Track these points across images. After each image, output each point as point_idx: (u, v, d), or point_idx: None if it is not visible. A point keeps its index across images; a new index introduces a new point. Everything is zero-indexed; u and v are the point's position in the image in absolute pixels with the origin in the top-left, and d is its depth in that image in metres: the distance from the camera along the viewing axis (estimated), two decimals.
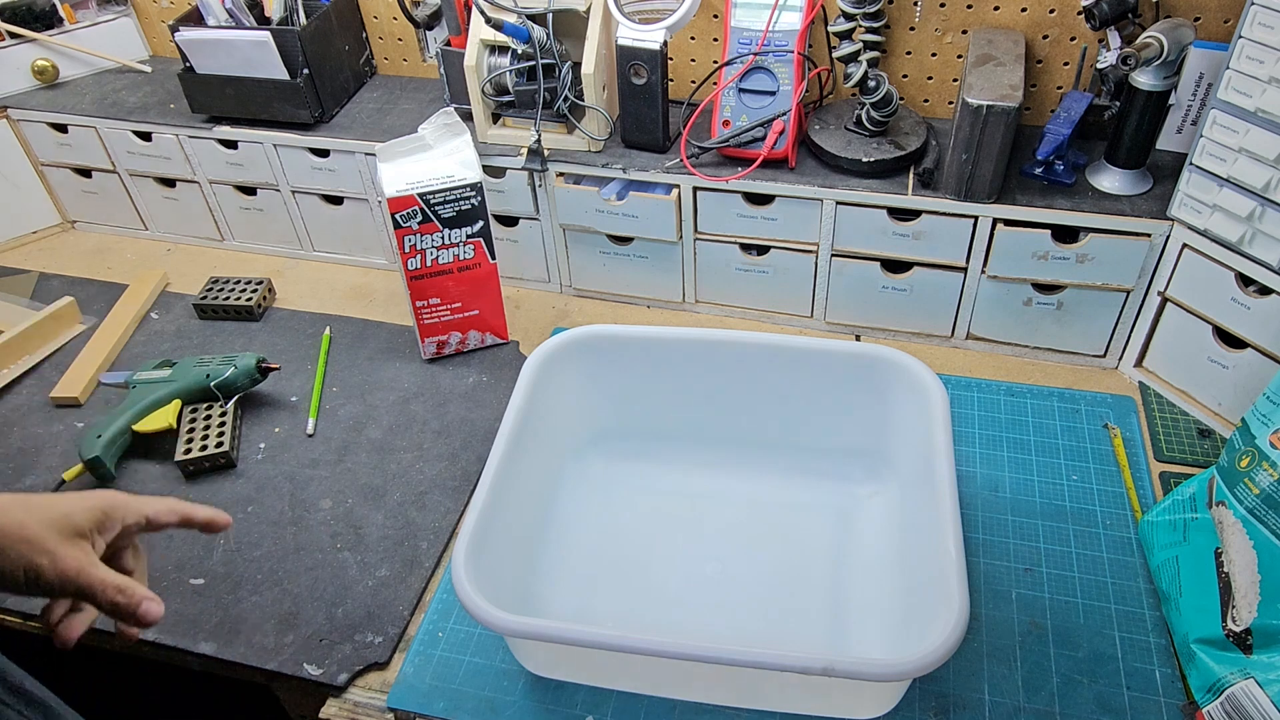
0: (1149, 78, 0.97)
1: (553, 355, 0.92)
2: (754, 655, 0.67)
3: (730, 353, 0.93)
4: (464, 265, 1.08)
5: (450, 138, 1.07)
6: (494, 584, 0.74)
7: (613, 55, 1.11)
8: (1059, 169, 1.02)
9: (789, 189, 1.06)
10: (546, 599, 0.87)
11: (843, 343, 0.91)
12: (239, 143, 1.24)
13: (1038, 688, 0.79)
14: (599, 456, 1.00)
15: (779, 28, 1.04)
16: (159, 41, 1.40)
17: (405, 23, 1.27)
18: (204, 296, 1.23)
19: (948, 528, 0.73)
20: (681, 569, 0.90)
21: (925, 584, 0.75)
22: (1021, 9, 1.06)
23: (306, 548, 0.93)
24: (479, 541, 0.75)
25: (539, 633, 0.70)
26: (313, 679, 0.82)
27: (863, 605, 0.85)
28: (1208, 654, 0.76)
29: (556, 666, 0.81)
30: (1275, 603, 0.72)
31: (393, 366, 1.14)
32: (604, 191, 1.13)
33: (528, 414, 0.87)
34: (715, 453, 0.99)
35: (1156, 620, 0.83)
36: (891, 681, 0.70)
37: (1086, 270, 1.02)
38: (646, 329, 0.94)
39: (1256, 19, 0.82)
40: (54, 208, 1.40)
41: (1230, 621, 0.75)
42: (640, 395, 0.97)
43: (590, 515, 0.95)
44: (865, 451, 0.95)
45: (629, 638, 0.68)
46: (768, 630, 0.84)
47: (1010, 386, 1.07)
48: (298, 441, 1.04)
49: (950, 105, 1.16)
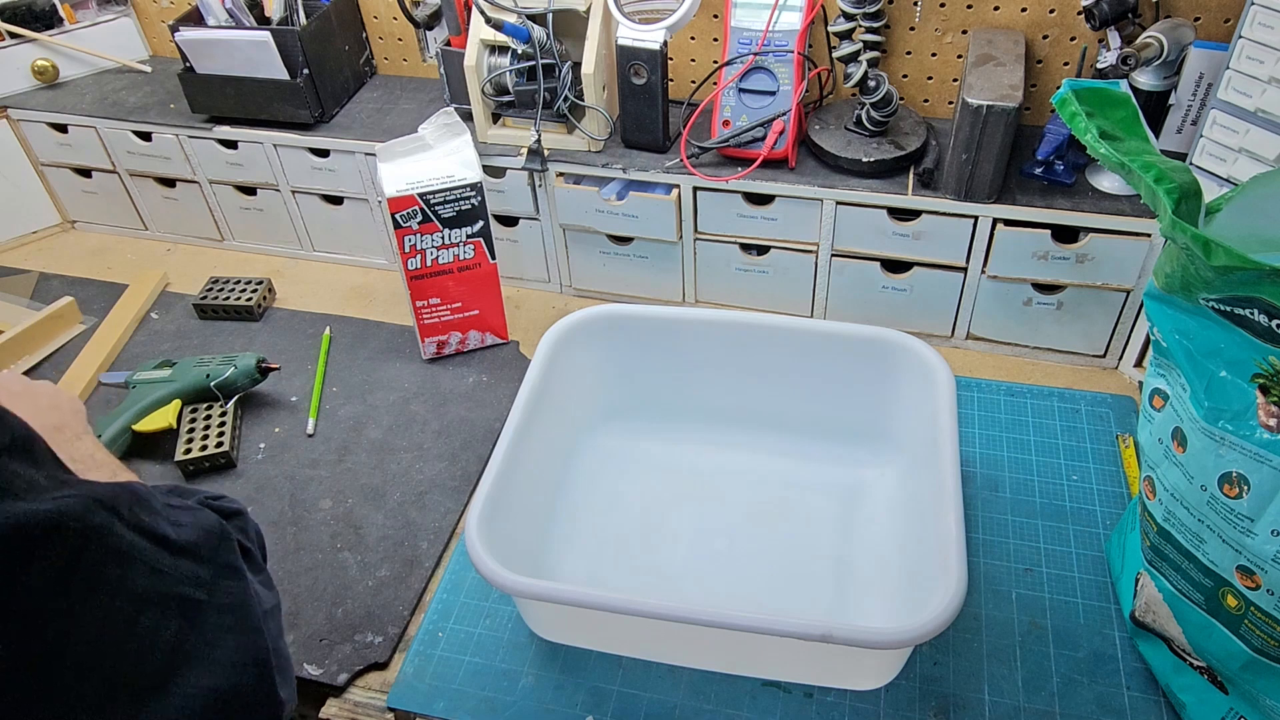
0: (1149, 78, 0.97)
1: (568, 333, 0.94)
2: (755, 620, 0.69)
3: (741, 334, 0.95)
4: (464, 265, 1.08)
5: (450, 138, 1.07)
6: (505, 550, 0.75)
7: (613, 55, 1.11)
8: (1059, 169, 1.02)
9: (789, 189, 1.06)
10: (556, 569, 0.89)
11: (851, 325, 0.92)
12: (239, 143, 1.24)
13: (1038, 688, 0.79)
14: (611, 433, 1.01)
15: (779, 28, 1.04)
16: (159, 41, 1.40)
17: (405, 23, 1.27)
18: (204, 296, 1.23)
19: (949, 505, 0.74)
20: (689, 543, 0.92)
21: (926, 559, 0.76)
22: (1021, 9, 1.06)
23: (306, 548, 0.93)
24: (492, 508, 0.77)
25: (546, 594, 0.72)
26: (313, 679, 0.82)
27: (866, 581, 0.87)
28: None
29: (564, 632, 0.83)
30: (1198, 640, 0.72)
31: (393, 366, 1.14)
32: (604, 191, 1.13)
33: (542, 390, 0.89)
34: (724, 431, 1.00)
35: None
36: (889, 649, 0.71)
37: (1086, 270, 1.02)
38: (660, 309, 0.96)
39: (1256, 19, 0.82)
40: (54, 208, 1.40)
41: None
42: (653, 374, 0.99)
43: (601, 489, 0.97)
44: (871, 432, 0.96)
45: (633, 600, 0.71)
46: (772, 603, 0.87)
47: (1010, 386, 1.07)
48: (298, 441, 1.04)
49: (950, 105, 1.16)
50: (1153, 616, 0.76)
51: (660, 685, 0.81)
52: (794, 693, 0.79)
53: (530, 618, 0.84)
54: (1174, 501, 0.69)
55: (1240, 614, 0.66)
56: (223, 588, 0.48)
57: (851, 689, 0.79)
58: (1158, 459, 0.71)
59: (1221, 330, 0.63)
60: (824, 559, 0.89)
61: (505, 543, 0.77)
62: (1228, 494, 0.64)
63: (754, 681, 0.80)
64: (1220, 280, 0.59)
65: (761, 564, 0.90)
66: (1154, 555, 0.73)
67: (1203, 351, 0.65)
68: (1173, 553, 0.71)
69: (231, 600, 0.48)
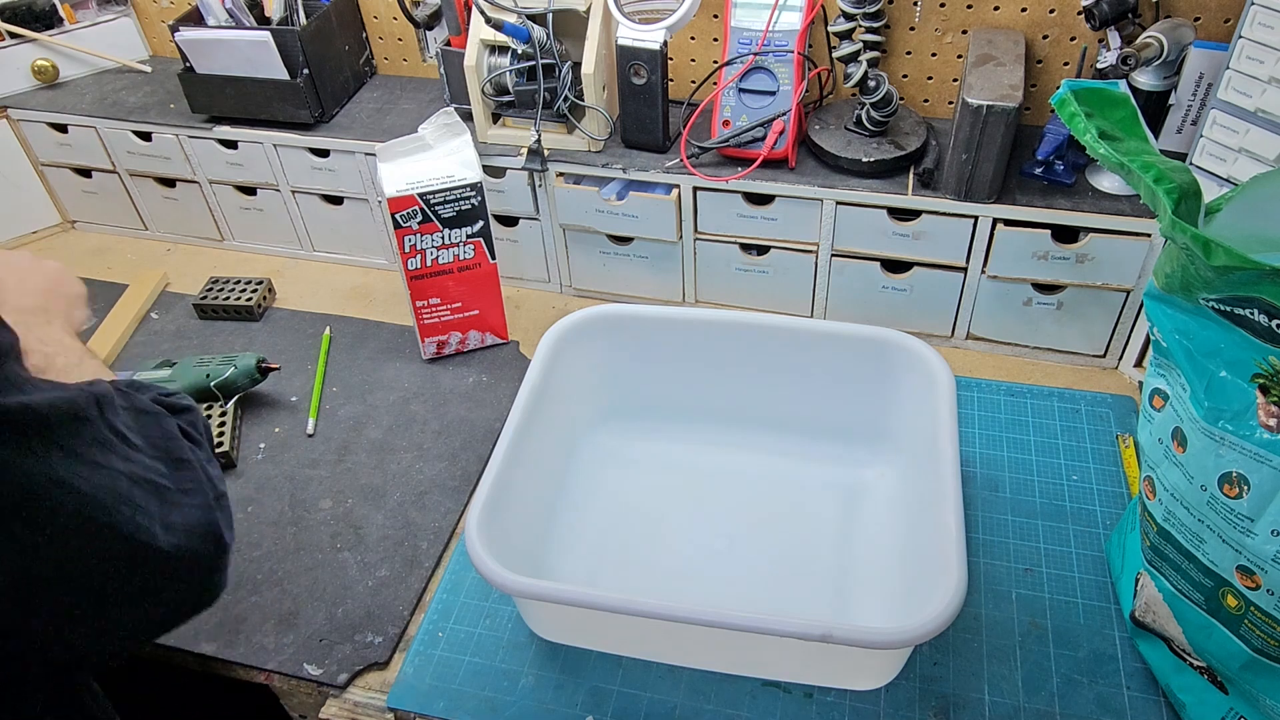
0: (1149, 78, 0.97)
1: (568, 333, 0.94)
2: (755, 620, 0.69)
3: (741, 334, 0.95)
4: (464, 265, 1.08)
5: (450, 138, 1.07)
6: (505, 549, 0.75)
7: (613, 55, 1.11)
8: (1059, 169, 1.02)
9: (789, 189, 1.06)
10: (556, 569, 0.89)
11: (851, 325, 0.92)
12: (239, 143, 1.24)
13: (1038, 688, 0.79)
14: (611, 433, 1.02)
15: (779, 28, 1.04)
16: (159, 41, 1.40)
17: (405, 23, 1.27)
18: (204, 296, 1.23)
19: (949, 505, 0.75)
20: (690, 543, 0.92)
21: (926, 559, 0.76)
22: (1021, 9, 1.06)
23: (306, 548, 0.93)
24: (492, 508, 0.77)
25: (546, 594, 0.72)
26: (313, 679, 0.82)
27: (866, 580, 0.87)
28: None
29: (564, 632, 0.83)
30: (1198, 641, 0.72)
31: (393, 366, 1.14)
32: (604, 191, 1.13)
33: (542, 390, 0.89)
34: (724, 431, 1.00)
35: None
36: (889, 649, 0.71)
37: (1086, 270, 1.02)
38: (660, 309, 0.96)
39: (1256, 19, 0.82)
40: (54, 208, 1.40)
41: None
42: (653, 374, 0.99)
43: (601, 489, 0.97)
44: (871, 432, 0.96)
45: (633, 600, 0.71)
46: (772, 603, 0.86)
47: (1010, 386, 1.07)
48: (298, 441, 1.04)
49: (950, 105, 1.16)
50: (1153, 616, 0.76)
51: (660, 685, 0.81)
52: (794, 693, 0.80)
53: (530, 618, 0.84)
54: (1174, 501, 0.69)
55: (1240, 614, 0.66)
56: (179, 476, 0.58)
57: (851, 689, 0.79)
58: (1158, 459, 0.71)
59: (1221, 330, 0.63)
60: (824, 559, 0.89)
61: (505, 543, 0.77)
62: (1228, 494, 0.64)
63: (754, 681, 0.80)
64: (1220, 280, 0.59)
65: (761, 564, 0.90)
66: (1154, 555, 0.73)
67: (1203, 351, 0.65)
68: (1173, 553, 0.71)
69: (189, 485, 0.58)
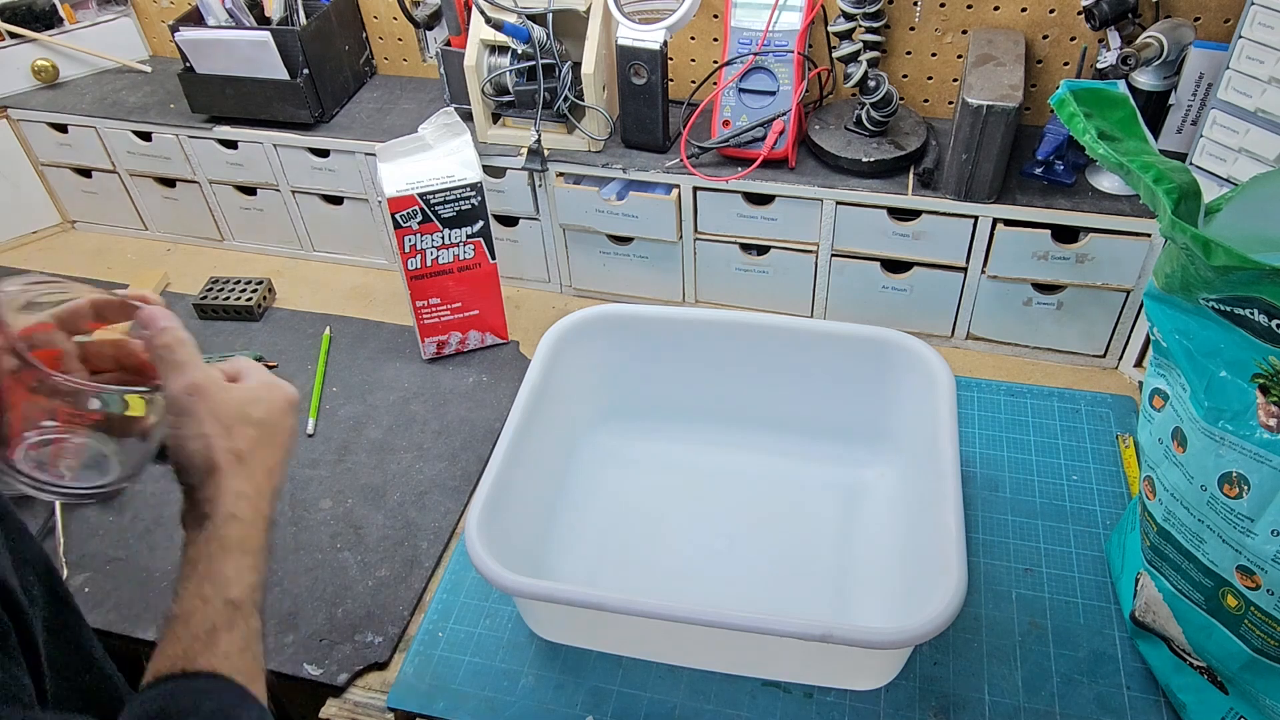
0: (1149, 78, 0.97)
1: (568, 333, 0.94)
2: (755, 620, 0.69)
3: (741, 334, 0.95)
4: (464, 265, 1.08)
5: (450, 138, 1.07)
6: (505, 550, 0.75)
7: (613, 55, 1.11)
8: (1059, 169, 1.02)
9: (789, 189, 1.06)
10: (556, 569, 0.89)
11: (851, 325, 0.92)
12: (239, 143, 1.24)
13: (1038, 688, 0.79)
14: (611, 433, 1.02)
15: (779, 28, 1.04)
16: (159, 41, 1.40)
17: (405, 23, 1.27)
18: (204, 296, 1.23)
19: (949, 505, 0.75)
20: (690, 544, 0.92)
21: (926, 559, 0.76)
22: (1021, 9, 1.06)
23: (306, 548, 0.93)
24: (492, 508, 0.77)
25: (546, 594, 0.72)
26: (313, 679, 0.82)
27: (866, 580, 0.87)
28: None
29: (564, 632, 0.83)
30: (1198, 640, 0.72)
31: (393, 366, 1.14)
32: (604, 191, 1.13)
33: (542, 389, 0.89)
34: (724, 431, 1.00)
35: None
36: (889, 649, 0.71)
37: (1086, 270, 1.02)
38: (660, 309, 0.96)
39: (1256, 19, 0.82)
40: (54, 208, 1.40)
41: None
42: (652, 374, 0.99)
43: (601, 490, 0.97)
44: (871, 432, 0.96)
45: (633, 600, 0.71)
46: (772, 603, 0.87)
47: (1010, 386, 1.07)
48: (298, 441, 1.04)
49: (950, 105, 1.16)
50: (1153, 616, 0.76)
51: (660, 685, 0.81)
52: (794, 693, 0.80)
53: (530, 618, 0.84)
54: (1174, 501, 0.69)
55: (1240, 614, 0.66)
56: None
57: (851, 689, 0.79)
58: (1158, 459, 0.71)
59: (1221, 330, 0.63)
60: (824, 559, 0.89)
61: (505, 543, 0.77)
62: (1228, 494, 0.64)
63: (754, 681, 0.80)
64: (1220, 280, 0.59)
65: (761, 564, 0.90)
66: (1154, 555, 0.73)
67: (1203, 351, 0.65)
68: (1173, 553, 0.71)
69: None
